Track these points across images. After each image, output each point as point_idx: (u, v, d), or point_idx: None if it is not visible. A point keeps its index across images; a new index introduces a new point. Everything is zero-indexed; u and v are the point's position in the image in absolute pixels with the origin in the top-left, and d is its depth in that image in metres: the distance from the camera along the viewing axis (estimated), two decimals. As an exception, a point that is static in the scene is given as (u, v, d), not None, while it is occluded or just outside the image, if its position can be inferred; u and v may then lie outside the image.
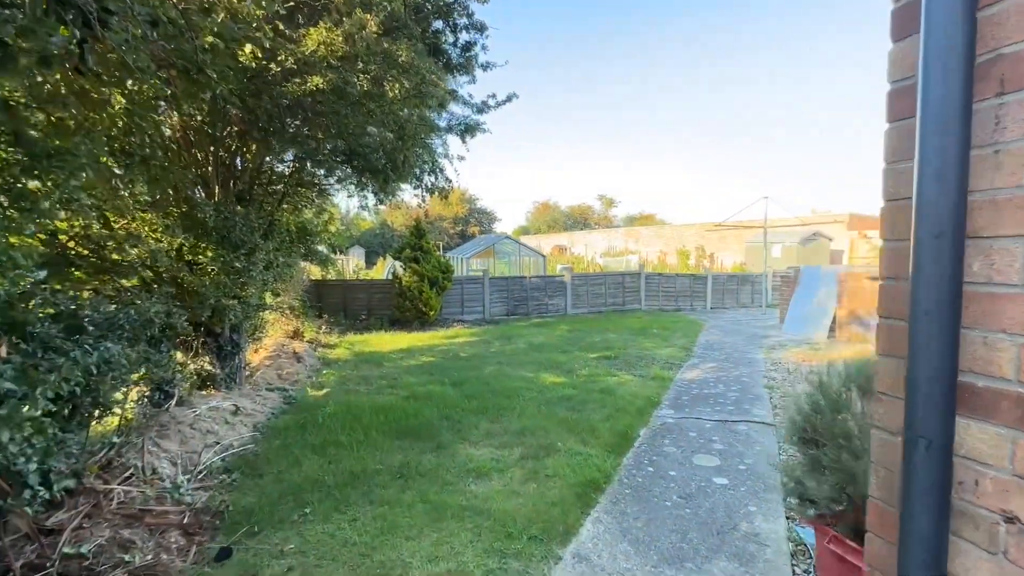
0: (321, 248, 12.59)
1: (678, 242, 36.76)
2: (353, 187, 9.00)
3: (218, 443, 4.31)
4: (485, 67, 7.18)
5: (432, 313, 12.59)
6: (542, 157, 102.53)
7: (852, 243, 25.69)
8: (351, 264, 29.02)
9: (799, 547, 3.09)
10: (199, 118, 5.24)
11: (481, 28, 6.62)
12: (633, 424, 5.19)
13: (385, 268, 20.31)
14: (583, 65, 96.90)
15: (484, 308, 14.35)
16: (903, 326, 1.28)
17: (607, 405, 5.78)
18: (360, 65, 4.69)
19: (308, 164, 6.76)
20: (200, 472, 3.80)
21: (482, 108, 7.32)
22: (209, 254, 4.99)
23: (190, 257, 5.13)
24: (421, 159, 7.74)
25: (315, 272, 14.64)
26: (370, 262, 36.41)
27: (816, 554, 2.76)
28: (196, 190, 5.26)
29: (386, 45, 4.80)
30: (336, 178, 8.19)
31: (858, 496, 2.31)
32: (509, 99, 7.35)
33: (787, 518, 3.40)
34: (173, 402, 4.56)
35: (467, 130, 7.45)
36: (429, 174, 9.09)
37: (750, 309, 17.04)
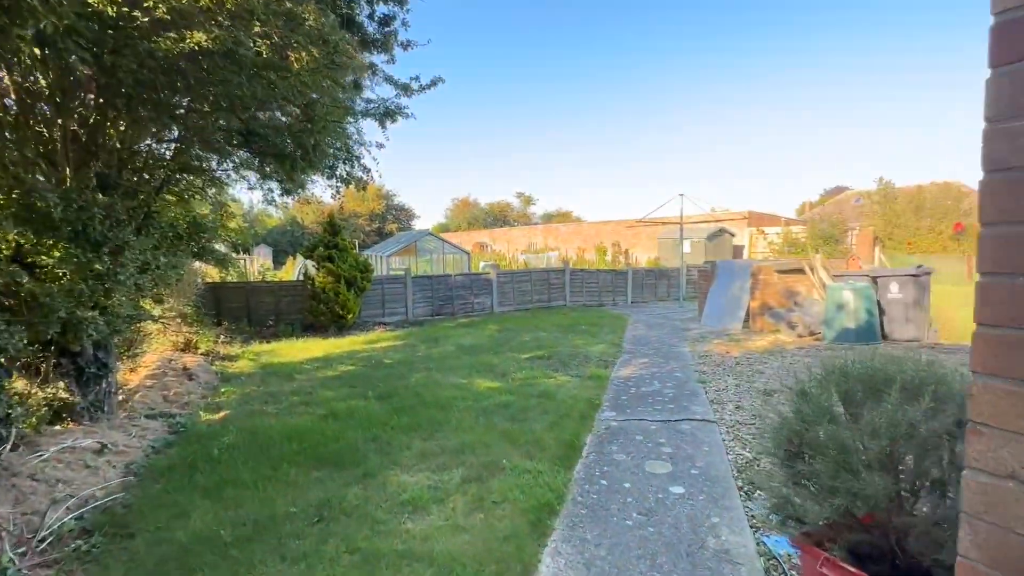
0: (219, 247, 11.16)
1: (595, 239, 37.87)
2: (255, 177, 7.96)
3: (72, 496, 3.36)
4: (406, 45, 6.53)
5: (350, 317, 11.62)
6: (461, 153, 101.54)
7: (751, 238, 27.83)
8: (255, 265, 26.60)
9: (771, 561, 2.90)
10: (42, 81, 4.15)
11: (401, 0, 5.97)
12: (578, 431, 4.87)
13: (295, 268, 18.70)
14: (499, 59, 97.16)
15: (407, 309, 13.56)
16: (1019, 336, 0.96)
17: (549, 411, 5.42)
18: (257, 26, 3.90)
19: (196, 146, 5.72)
20: (43, 541, 2.89)
21: (405, 89, 6.65)
22: (57, 254, 3.93)
23: (31, 259, 4.03)
24: (334, 145, 6.92)
25: (212, 274, 13.02)
26: (278, 262, 33.73)
27: None
28: (35, 172, 4.14)
29: (289, 5, 4.05)
30: (233, 164, 7.12)
31: (862, 513, 2.09)
32: (434, 83, 6.75)
33: (751, 527, 3.22)
34: (7, 447, 3.51)
35: (387, 114, 6.74)
36: (344, 163, 8.23)
37: (667, 302, 17.73)
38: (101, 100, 4.21)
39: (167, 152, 6.00)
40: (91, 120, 4.42)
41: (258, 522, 3.19)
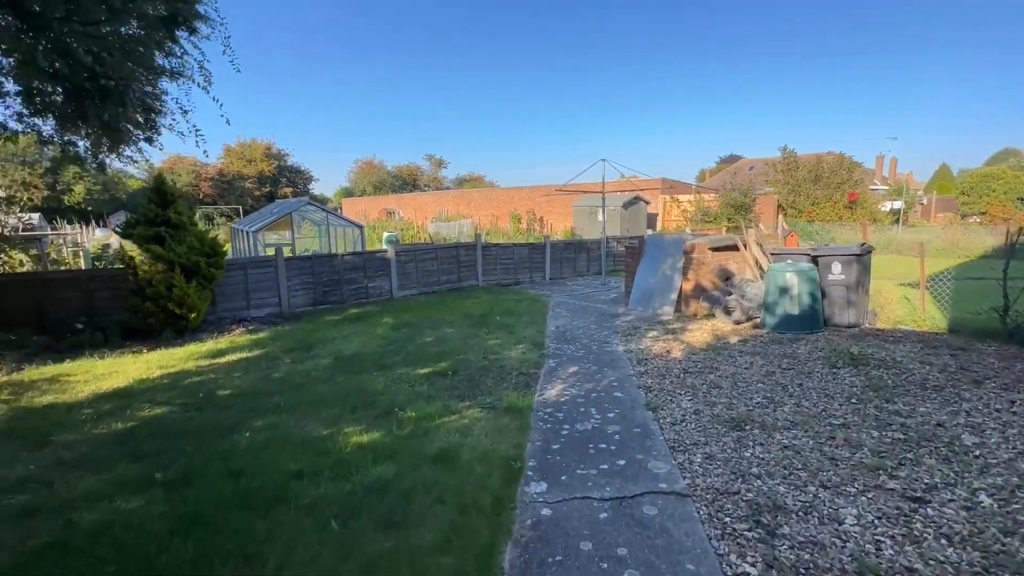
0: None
1: (509, 206, 36.05)
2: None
3: None
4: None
5: (194, 316, 8.79)
6: (365, 111, 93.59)
7: (665, 206, 27.53)
8: (87, 237, 21.50)
9: None
10: None
11: None
12: (492, 541, 3.04)
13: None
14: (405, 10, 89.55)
15: (281, 299, 10.87)
16: None
17: (446, 497, 3.51)
18: None
19: None
20: None
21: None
22: None
23: None
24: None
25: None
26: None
27: None
28: None
29: None
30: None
31: None
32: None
33: None
34: None
35: (175, 19, 4.15)
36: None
37: (587, 278, 16.45)
38: None
39: None
40: None
41: None
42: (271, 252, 13.00)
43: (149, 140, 7.18)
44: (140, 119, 7.61)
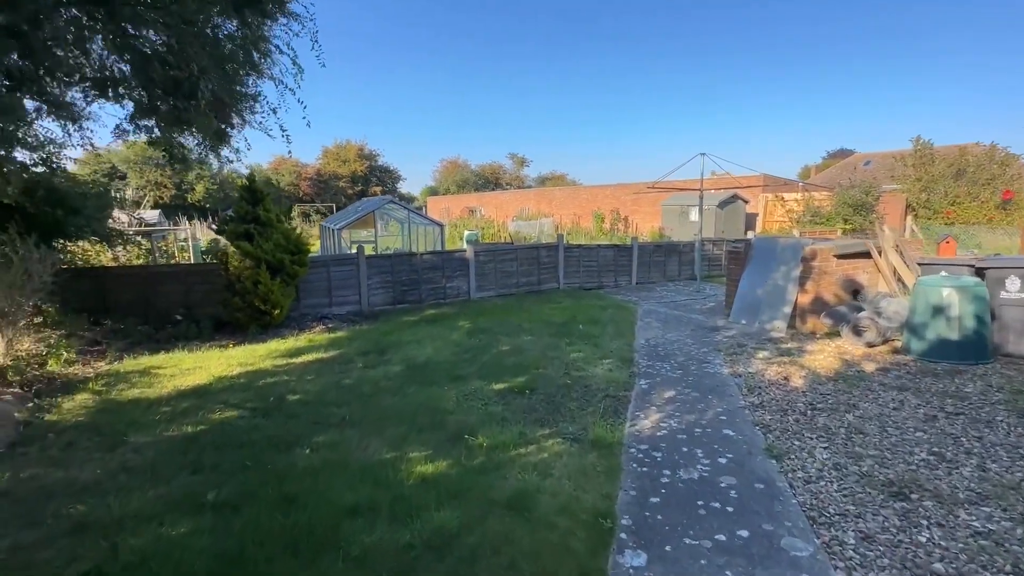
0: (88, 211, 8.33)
1: (593, 205, 34.85)
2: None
3: None
4: None
5: (277, 313, 8.90)
6: (451, 112, 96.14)
7: (767, 206, 25.05)
8: (201, 232, 23.46)
9: None
10: None
11: None
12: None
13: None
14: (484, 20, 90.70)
15: (361, 297, 10.85)
16: None
17: (520, 562, 2.84)
18: None
19: None
20: None
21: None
22: None
23: None
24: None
25: (100, 256, 10.21)
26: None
27: None
28: None
29: None
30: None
31: None
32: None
33: None
34: None
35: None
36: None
37: (677, 283, 15.11)
38: None
39: None
40: None
41: None
42: (355, 250, 13.14)
43: (219, 135, 7.26)
44: (211, 112, 7.65)
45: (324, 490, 3.58)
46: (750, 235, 12.49)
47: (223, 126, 7.34)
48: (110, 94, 7.00)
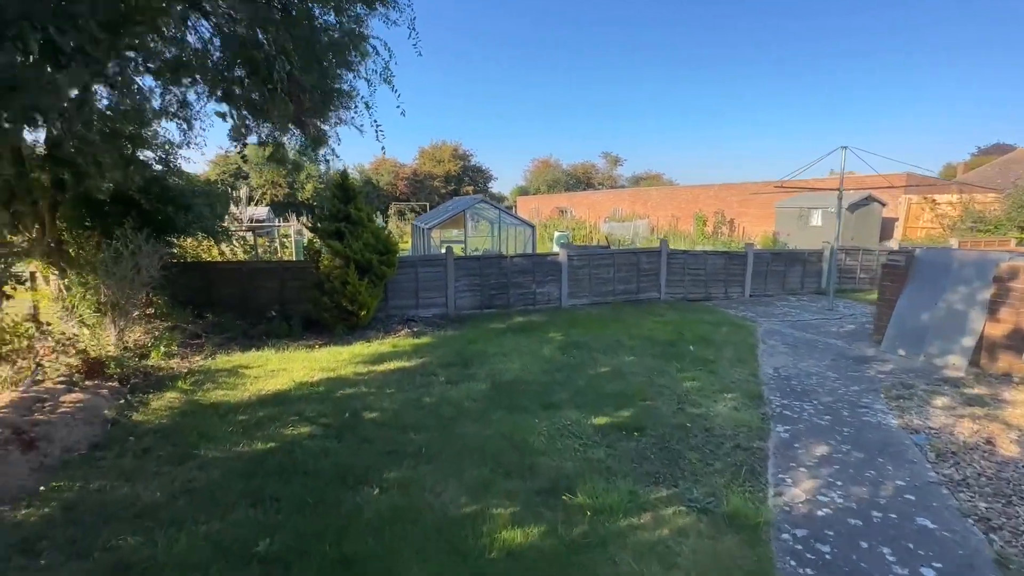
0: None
1: (692, 206, 32.38)
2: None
3: None
4: None
5: (364, 314, 8.65)
6: (543, 110, 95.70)
7: (909, 208, 21.48)
8: (305, 230, 24.59)
9: None
10: None
11: None
12: None
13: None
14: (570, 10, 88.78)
15: (448, 300, 10.41)
16: None
17: None
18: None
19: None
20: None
21: None
22: None
23: None
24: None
25: (211, 251, 10.69)
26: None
27: None
28: None
29: None
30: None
31: None
32: None
33: None
34: None
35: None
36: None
37: (801, 297, 13.08)
38: None
39: None
40: None
41: None
42: (444, 250, 12.81)
43: (299, 123, 7.03)
44: (287, 100, 7.40)
45: (388, 555, 2.90)
46: (891, 244, 10.34)
47: (303, 118, 7.14)
48: (184, 80, 6.94)
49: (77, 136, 5.13)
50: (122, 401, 5.32)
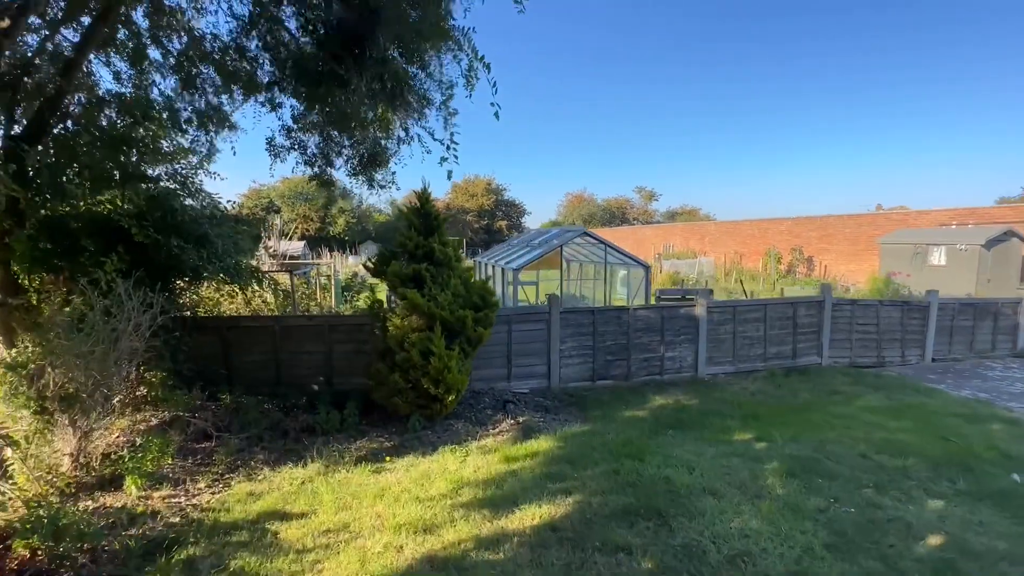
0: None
1: (761, 241, 29.19)
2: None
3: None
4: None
5: (451, 399, 5.79)
6: (574, 144, 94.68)
7: (1056, 246, 17.96)
8: (342, 265, 21.86)
9: None
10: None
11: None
12: None
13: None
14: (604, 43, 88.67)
15: (551, 368, 7.53)
16: None
17: None
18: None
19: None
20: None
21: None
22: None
23: None
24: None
25: (232, 300, 8.13)
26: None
27: None
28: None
29: None
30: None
31: None
32: None
33: None
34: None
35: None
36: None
37: (999, 360, 9.83)
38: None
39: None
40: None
41: None
42: (529, 298, 10.00)
43: (373, 158, 4.86)
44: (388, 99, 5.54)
45: None
46: None
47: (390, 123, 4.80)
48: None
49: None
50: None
